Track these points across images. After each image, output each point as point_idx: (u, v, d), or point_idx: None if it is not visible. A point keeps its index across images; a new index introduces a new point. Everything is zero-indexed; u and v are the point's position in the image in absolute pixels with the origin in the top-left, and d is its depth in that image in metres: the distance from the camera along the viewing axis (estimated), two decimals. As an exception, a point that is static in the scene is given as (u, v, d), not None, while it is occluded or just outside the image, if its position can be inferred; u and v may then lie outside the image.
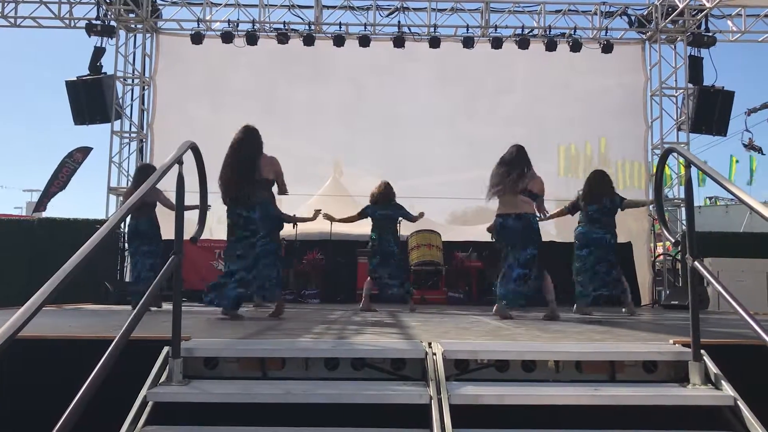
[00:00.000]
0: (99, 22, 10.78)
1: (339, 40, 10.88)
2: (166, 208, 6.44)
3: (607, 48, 10.98)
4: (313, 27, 11.06)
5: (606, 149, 11.53)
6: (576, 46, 10.90)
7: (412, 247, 9.32)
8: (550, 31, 11.10)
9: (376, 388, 2.70)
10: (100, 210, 11.25)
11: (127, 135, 11.17)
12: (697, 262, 2.81)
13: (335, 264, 10.07)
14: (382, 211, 7.21)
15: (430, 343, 3.02)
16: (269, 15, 11.13)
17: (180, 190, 2.89)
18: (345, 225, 8.18)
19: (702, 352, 2.82)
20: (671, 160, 10.55)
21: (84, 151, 14.20)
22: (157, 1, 11.29)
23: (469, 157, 11.20)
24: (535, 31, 11.17)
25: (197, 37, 10.83)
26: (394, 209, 7.29)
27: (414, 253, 9.26)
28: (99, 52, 10.86)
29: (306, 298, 9.66)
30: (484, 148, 11.16)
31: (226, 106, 11.25)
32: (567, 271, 6.84)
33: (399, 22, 11.14)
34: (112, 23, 10.94)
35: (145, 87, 11.30)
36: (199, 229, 3.36)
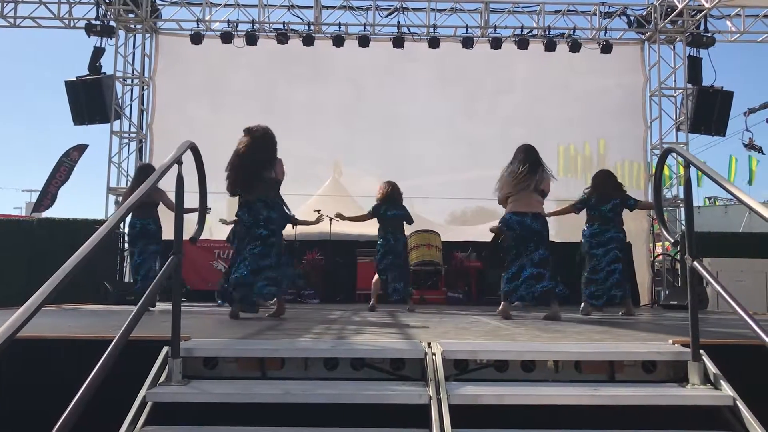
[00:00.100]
0: (98, 22, 10.78)
1: (338, 41, 10.87)
2: (166, 209, 6.45)
3: (606, 48, 10.98)
4: (312, 27, 11.07)
5: (605, 149, 11.53)
6: (575, 47, 10.91)
7: (412, 247, 9.31)
8: (549, 31, 11.11)
9: (376, 388, 2.70)
10: (99, 210, 11.27)
11: (127, 135, 11.16)
12: (696, 262, 2.81)
13: (335, 264, 10.08)
14: (393, 211, 7.27)
15: (429, 343, 3.01)
16: (269, 15, 11.13)
17: (179, 191, 2.89)
18: (345, 225, 8.19)
19: (701, 352, 2.82)
20: (670, 161, 10.57)
21: (80, 148, 14.20)
22: (156, 1, 11.29)
23: (468, 157, 11.23)
24: (535, 32, 11.18)
25: (197, 38, 10.83)
26: (402, 210, 7.37)
27: (413, 253, 9.26)
28: (98, 53, 10.86)
29: (305, 298, 9.66)
30: (484, 149, 11.22)
31: (226, 107, 11.27)
32: (567, 271, 6.83)
33: (398, 22, 11.14)
34: (112, 23, 10.93)
35: (145, 87, 11.30)
36: (198, 229, 3.36)
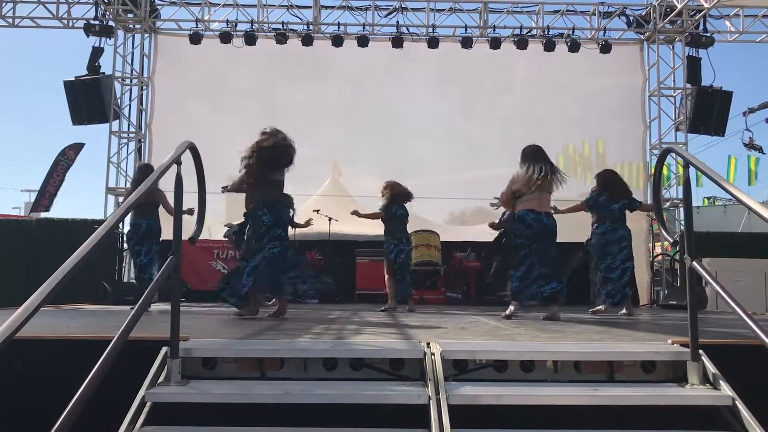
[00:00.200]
0: (97, 22, 10.77)
1: (337, 41, 10.87)
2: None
3: (605, 48, 10.99)
4: (311, 27, 11.06)
5: (604, 149, 11.53)
6: (574, 47, 10.91)
7: (411, 248, 9.32)
8: (548, 31, 11.11)
9: (375, 389, 2.70)
10: (98, 210, 11.27)
11: (126, 135, 11.14)
12: (695, 262, 2.81)
13: (334, 264, 10.06)
14: (400, 211, 7.36)
15: (428, 343, 3.01)
16: (268, 15, 11.12)
17: (178, 191, 2.89)
18: (344, 225, 8.19)
19: (700, 352, 2.82)
20: (669, 160, 10.57)
21: (76, 147, 14.18)
22: (155, 1, 11.28)
23: (467, 157, 11.23)
24: (534, 32, 11.18)
25: (196, 38, 10.83)
26: (405, 209, 7.44)
27: (412, 253, 9.25)
28: (97, 52, 10.85)
29: (304, 299, 9.64)
30: (483, 149, 11.22)
31: (225, 107, 11.27)
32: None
33: (398, 22, 11.14)
34: (111, 23, 10.92)
35: (144, 87, 11.29)
36: (197, 229, 3.36)
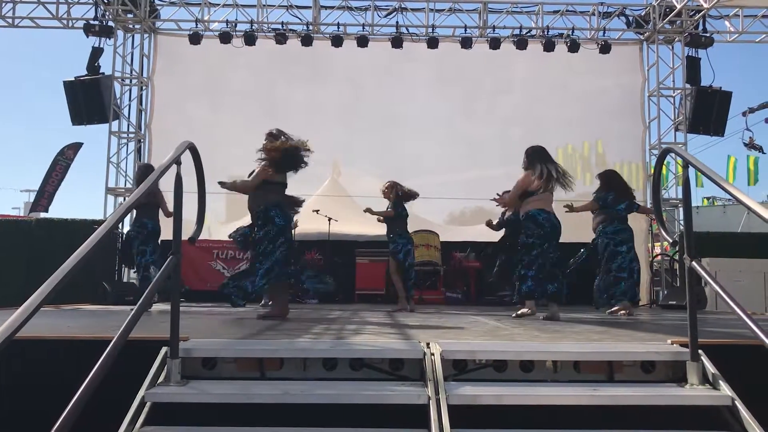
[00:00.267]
0: (97, 23, 10.76)
1: (337, 41, 10.87)
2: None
3: (604, 48, 10.98)
4: (311, 27, 11.06)
5: (604, 149, 11.53)
6: (574, 47, 10.91)
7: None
8: (548, 31, 11.11)
9: (375, 389, 2.70)
10: (98, 210, 11.26)
11: (125, 135, 11.13)
12: (694, 262, 2.81)
13: (333, 264, 10.06)
14: (406, 211, 7.41)
15: (428, 344, 3.01)
16: (267, 15, 11.12)
17: (178, 191, 2.89)
18: (343, 225, 8.18)
19: (700, 352, 2.82)
20: (669, 161, 10.57)
21: (74, 147, 14.17)
22: (155, 1, 11.28)
23: (467, 157, 11.23)
24: (533, 32, 11.18)
25: (195, 38, 10.82)
26: (406, 209, 7.49)
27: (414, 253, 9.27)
28: (97, 53, 10.84)
29: (304, 299, 9.65)
30: (482, 149, 11.23)
31: (225, 107, 11.27)
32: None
33: (397, 22, 11.14)
34: (110, 23, 10.91)
35: (143, 87, 11.28)
36: (197, 229, 3.36)
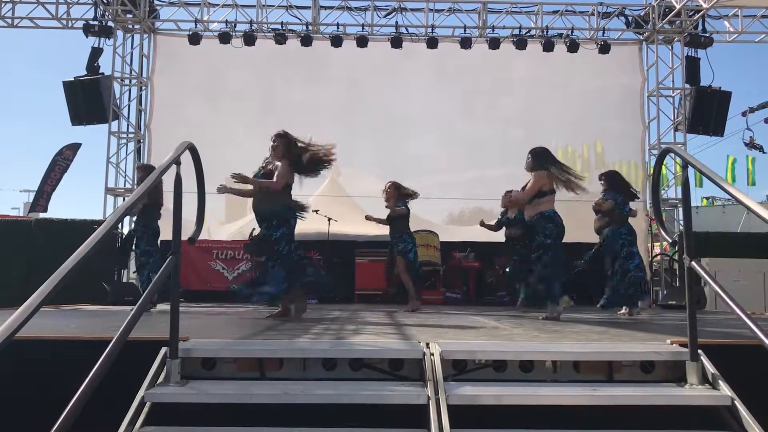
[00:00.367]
0: (96, 23, 10.77)
1: (336, 41, 10.87)
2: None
3: (604, 48, 10.99)
4: (310, 27, 11.06)
5: (603, 149, 11.54)
6: (573, 47, 10.92)
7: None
8: (547, 31, 11.11)
9: (374, 389, 2.70)
10: (97, 211, 11.26)
11: (125, 135, 11.13)
12: (694, 262, 2.81)
13: (333, 264, 10.05)
14: (409, 210, 7.38)
15: (427, 344, 3.01)
16: (267, 15, 11.12)
17: (178, 191, 2.89)
18: (343, 225, 8.16)
19: (699, 352, 2.83)
20: (668, 161, 10.58)
21: (73, 147, 14.17)
22: (154, 1, 11.28)
23: (466, 157, 11.23)
24: (533, 32, 11.18)
25: (195, 38, 10.82)
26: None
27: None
28: (96, 53, 10.85)
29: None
30: (482, 149, 11.22)
31: (224, 107, 11.27)
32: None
33: (396, 22, 11.14)
34: (110, 24, 10.91)
35: (143, 87, 11.28)
36: (197, 229, 3.36)
